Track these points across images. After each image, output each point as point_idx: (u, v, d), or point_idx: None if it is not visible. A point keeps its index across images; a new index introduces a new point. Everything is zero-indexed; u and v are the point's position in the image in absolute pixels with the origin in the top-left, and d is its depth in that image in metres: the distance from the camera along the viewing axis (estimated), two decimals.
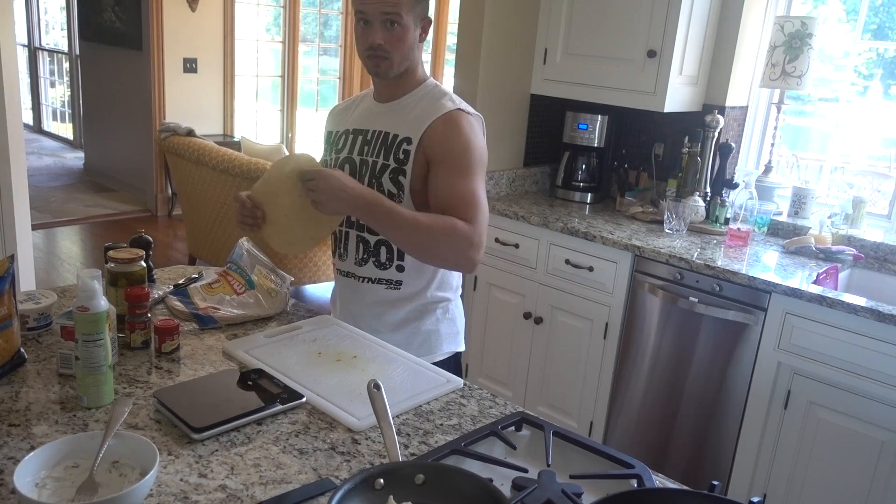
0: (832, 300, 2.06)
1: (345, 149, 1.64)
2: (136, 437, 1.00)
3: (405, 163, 1.54)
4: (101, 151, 6.78)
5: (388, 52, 1.50)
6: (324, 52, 7.16)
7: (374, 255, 1.61)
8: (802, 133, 3.25)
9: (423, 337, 1.65)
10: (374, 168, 1.57)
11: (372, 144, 1.59)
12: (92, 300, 1.12)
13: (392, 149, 1.56)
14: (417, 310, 1.64)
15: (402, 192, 1.54)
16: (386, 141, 1.57)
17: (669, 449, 2.55)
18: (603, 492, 0.96)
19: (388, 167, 1.55)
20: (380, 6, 1.47)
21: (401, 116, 1.58)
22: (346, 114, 1.72)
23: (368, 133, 1.61)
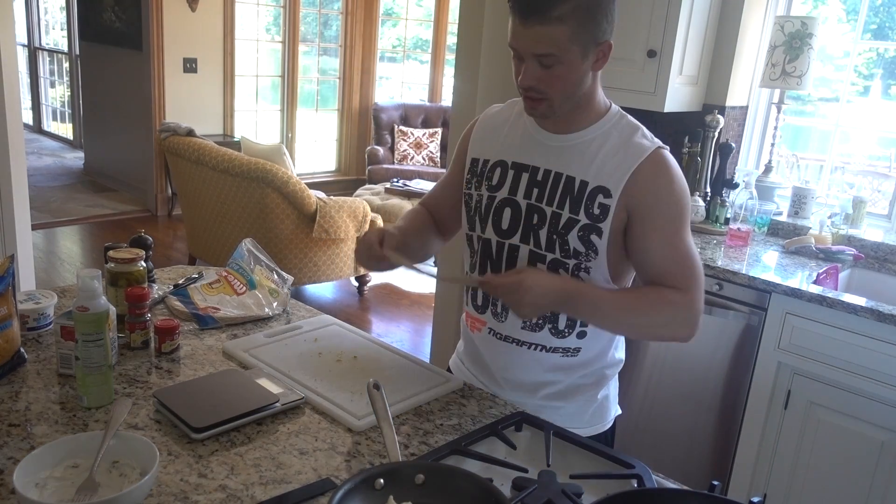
0: (832, 300, 2.06)
1: (503, 186, 1.34)
2: (136, 437, 1.00)
3: (602, 220, 1.26)
4: (101, 151, 6.78)
5: (543, 92, 1.23)
6: (324, 52, 7.17)
7: (551, 320, 1.34)
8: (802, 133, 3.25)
9: (598, 405, 1.44)
10: (554, 221, 1.29)
11: (546, 188, 1.31)
12: (92, 300, 1.12)
13: (582, 200, 1.27)
14: (594, 375, 1.41)
15: (592, 251, 1.28)
16: (570, 188, 1.28)
17: (669, 449, 2.54)
18: (603, 492, 0.96)
19: (576, 223, 1.28)
20: (531, 46, 1.19)
21: (584, 156, 1.29)
22: (498, 137, 1.39)
23: (539, 172, 1.32)
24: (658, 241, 1.27)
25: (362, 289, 4.67)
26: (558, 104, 1.25)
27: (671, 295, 1.27)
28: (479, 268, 1.40)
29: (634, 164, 1.26)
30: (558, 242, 1.29)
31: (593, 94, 1.30)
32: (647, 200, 1.25)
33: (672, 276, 1.27)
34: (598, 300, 1.25)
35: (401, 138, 6.67)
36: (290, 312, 1.64)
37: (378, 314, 4.48)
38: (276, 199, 3.84)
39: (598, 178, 1.27)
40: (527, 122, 1.36)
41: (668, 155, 1.30)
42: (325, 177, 7.23)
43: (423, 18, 7.27)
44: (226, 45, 6.16)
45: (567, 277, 1.29)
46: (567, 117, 1.29)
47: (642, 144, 1.29)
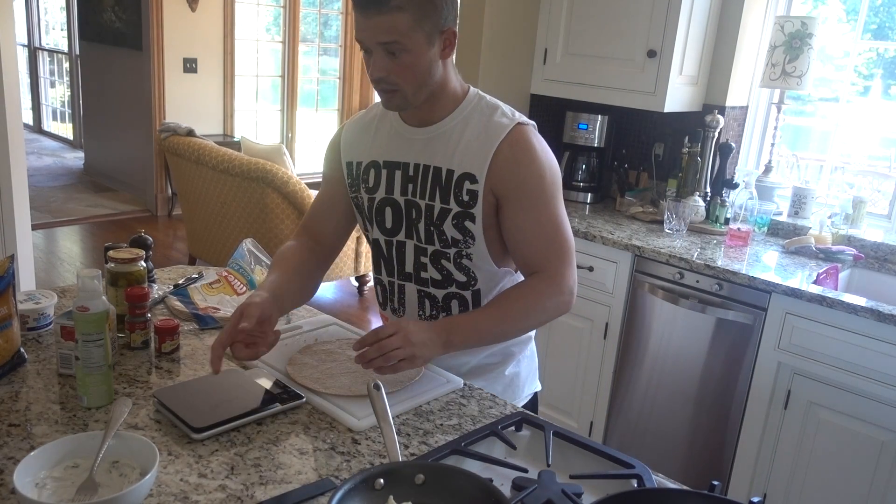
0: (832, 300, 2.06)
1: (379, 187, 1.36)
2: (136, 437, 1.00)
3: (472, 205, 1.29)
4: (101, 151, 6.78)
5: (395, 84, 1.24)
6: (324, 52, 7.17)
7: (444, 309, 1.40)
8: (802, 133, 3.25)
9: (506, 381, 1.48)
10: (430, 213, 1.32)
11: (418, 182, 1.33)
12: (92, 300, 1.12)
13: (450, 188, 1.29)
14: (500, 354, 1.46)
15: (469, 238, 1.31)
16: (439, 178, 1.30)
17: (669, 449, 2.54)
18: (603, 492, 0.96)
19: (449, 212, 1.30)
20: (375, 36, 1.20)
21: (448, 145, 1.31)
22: (365, 139, 1.41)
23: (409, 168, 1.33)
24: (525, 221, 1.29)
25: (362, 289, 4.67)
26: (412, 94, 1.25)
27: (540, 286, 1.31)
28: (374, 267, 1.47)
29: (494, 146, 1.27)
30: (436, 233, 1.32)
31: (447, 82, 1.30)
32: (511, 182, 1.27)
33: (541, 258, 1.31)
34: (476, 325, 1.28)
35: None
36: (291, 312, 1.64)
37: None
38: (276, 199, 3.84)
39: (463, 164, 1.29)
40: (392, 120, 1.37)
41: (528, 130, 1.30)
42: None
43: None
44: (226, 45, 6.16)
45: (438, 320, 1.34)
46: (425, 108, 1.30)
47: (501, 123, 1.29)
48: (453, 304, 1.38)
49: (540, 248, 1.31)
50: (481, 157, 1.28)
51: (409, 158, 1.34)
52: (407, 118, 1.35)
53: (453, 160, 1.30)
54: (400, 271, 1.40)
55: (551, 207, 1.31)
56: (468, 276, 1.36)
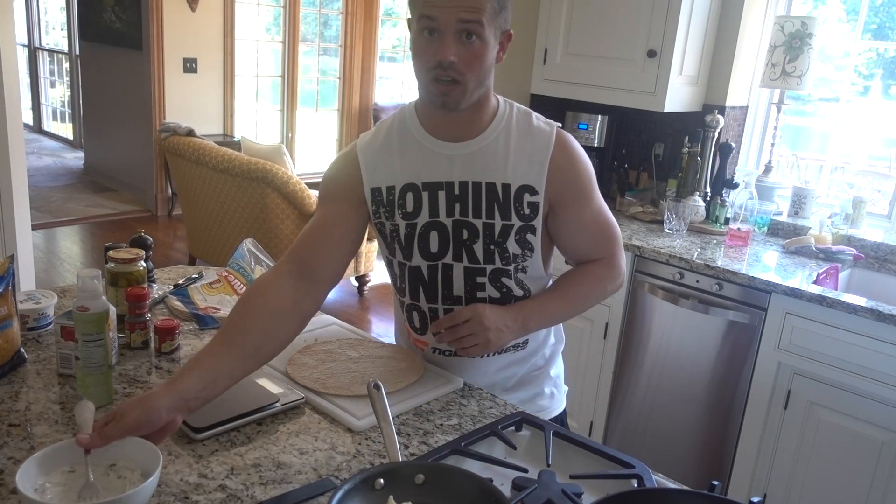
0: (832, 300, 2.06)
1: (421, 211, 1.26)
2: (134, 439, 0.99)
3: (533, 217, 1.25)
4: (101, 151, 6.78)
5: (462, 73, 1.14)
6: (324, 52, 7.17)
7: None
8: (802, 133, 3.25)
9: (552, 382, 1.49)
10: (489, 231, 1.25)
11: (468, 201, 1.25)
12: (92, 300, 1.12)
13: (510, 203, 1.24)
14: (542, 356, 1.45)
15: (528, 250, 1.28)
16: (494, 194, 1.24)
17: (669, 449, 2.54)
18: (603, 492, 0.96)
19: (511, 227, 1.25)
20: (455, 10, 1.11)
21: (495, 158, 1.24)
22: (390, 161, 1.28)
23: (454, 187, 1.25)
24: (581, 220, 1.31)
25: (362, 289, 4.67)
26: (471, 91, 1.17)
27: (599, 271, 1.35)
28: (409, 293, 1.34)
29: (548, 155, 1.25)
30: (497, 252, 1.26)
31: (491, 91, 1.25)
32: (567, 187, 1.27)
33: (597, 250, 1.35)
34: (547, 310, 1.31)
35: None
36: None
37: (378, 314, 4.48)
38: (276, 199, 3.84)
39: (518, 176, 1.24)
40: (418, 137, 1.27)
41: (566, 134, 1.30)
42: None
43: None
44: (226, 45, 6.15)
45: (511, 305, 1.29)
46: (464, 119, 1.23)
47: (543, 130, 1.27)
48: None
49: (596, 240, 1.34)
50: (537, 167, 1.24)
51: (453, 177, 1.25)
52: (438, 133, 1.26)
53: (507, 174, 1.24)
54: (446, 296, 1.31)
55: (597, 198, 1.33)
56: (524, 289, 1.32)
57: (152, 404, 0.99)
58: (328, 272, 1.27)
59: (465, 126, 1.24)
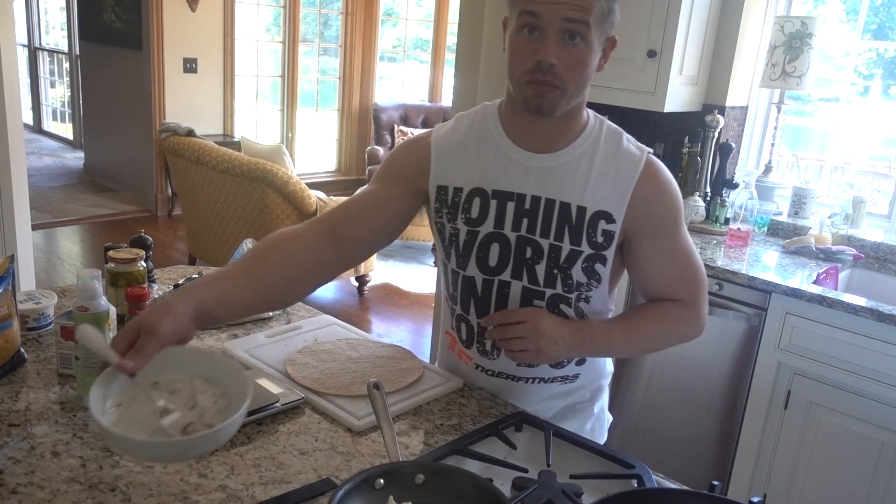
0: (832, 300, 2.06)
1: (486, 220, 1.19)
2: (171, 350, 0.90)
3: (606, 247, 1.16)
4: (101, 151, 6.78)
5: (561, 78, 1.06)
6: (324, 52, 7.17)
7: None
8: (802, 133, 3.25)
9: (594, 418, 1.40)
10: (555, 254, 1.17)
11: (538, 218, 1.17)
12: (92, 300, 1.12)
13: (583, 228, 1.15)
14: (590, 391, 1.36)
15: (594, 280, 1.19)
16: (567, 216, 1.15)
17: (669, 449, 2.54)
18: (603, 492, 0.96)
19: (580, 254, 1.16)
20: (562, 8, 1.03)
21: (575, 177, 1.16)
22: (464, 161, 1.21)
23: (525, 200, 1.17)
24: (661, 255, 1.20)
25: (362, 289, 4.67)
26: (568, 97, 1.09)
27: (678, 312, 1.22)
28: (461, 304, 1.28)
29: (632, 183, 1.15)
30: (560, 277, 1.18)
31: (584, 102, 1.18)
32: (649, 219, 1.17)
33: (677, 290, 1.22)
34: (609, 336, 1.20)
35: (401, 138, 6.67)
36: (290, 312, 1.64)
37: (378, 314, 4.48)
38: (276, 199, 3.84)
39: (596, 201, 1.15)
40: (498, 141, 1.20)
41: (658, 161, 1.21)
42: (325, 177, 7.23)
43: (423, 18, 7.27)
44: (226, 45, 6.16)
45: (573, 320, 1.21)
46: (553, 128, 1.16)
47: (632, 154, 1.18)
48: None
49: (676, 280, 1.22)
50: (618, 194, 1.15)
51: (526, 189, 1.17)
52: (519, 140, 1.18)
53: (584, 195, 1.15)
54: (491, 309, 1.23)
55: (683, 236, 1.22)
56: (581, 318, 1.24)
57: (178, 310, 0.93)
58: (356, 249, 1.22)
59: (550, 136, 1.16)
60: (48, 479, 0.97)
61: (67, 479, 0.97)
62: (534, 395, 1.31)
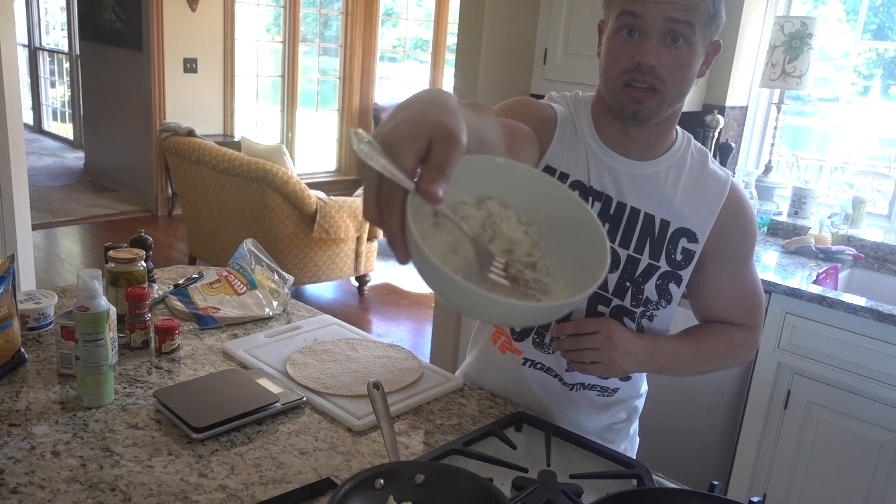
0: (832, 300, 2.06)
1: None
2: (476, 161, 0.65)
3: (684, 266, 1.13)
4: (102, 151, 6.78)
5: (662, 80, 1.00)
6: (324, 52, 7.17)
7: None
8: (802, 133, 3.25)
9: (629, 439, 1.36)
10: (632, 265, 1.13)
11: (621, 226, 1.12)
12: (92, 300, 1.12)
13: (663, 244, 1.12)
14: (626, 410, 1.32)
15: (665, 300, 1.15)
16: (651, 228, 1.11)
17: (669, 449, 2.54)
18: (603, 492, 0.96)
19: (656, 270, 1.13)
20: (665, 7, 0.97)
21: (662, 190, 1.11)
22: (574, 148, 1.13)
23: (612, 204, 1.12)
24: (729, 281, 1.18)
25: (362, 289, 4.67)
26: (668, 102, 1.03)
27: (740, 335, 1.20)
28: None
29: (719, 205, 1.12)
30: (631, 290, 1.13)
31: (680, 112, 1.11)
32: (728, 241, 1.14)
33: (739, 315, 1.21)
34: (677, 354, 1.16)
35: None
36: (291, 312, 1.64)
37: (378, 314, 4.48)
38: (276, 199, 3.84)
39: (681, 218, 1.11)
40: (588, 139, 1.13)
41: (740, 186, 1.18)
42: (325, 177, 7.23)
43: (423, 18, 7.27)
44: (226, 45, 6.16)
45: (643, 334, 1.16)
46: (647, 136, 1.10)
47: (719, 176, 1.15)
48: None
49: (741, 304, 1.21)
50: (704, 213, 1.12)
51: (613, 193, 1.12)
52: (612, 143, 1.12)
53: (669, 210, 1.11)
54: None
55: (751, 265, 1.20)
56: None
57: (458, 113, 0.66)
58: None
59: (641, 144, 1.11)
60: (48, 478, 0.97)
61: (67, 478, 0.97)
62: (573, 399, 1.25)
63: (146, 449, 1.06)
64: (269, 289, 1.64)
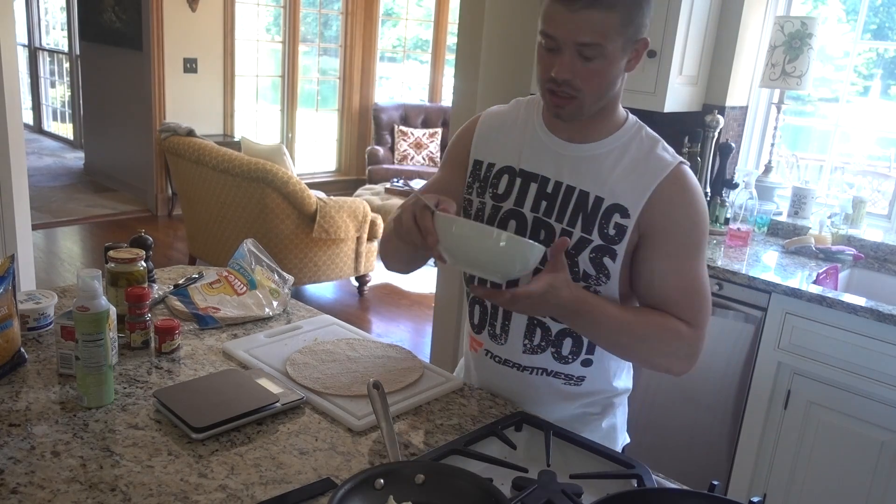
0: (832, 300, 2.06)
1: (509, 196, 1.23)
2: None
3: (617, 241, 1.17)
4: (102, 151, 6.78)
5: (577, 89, 1.10)
6: (324, 52, 7.17)
7: (554, 345, 1.25)
8: (802, 133, 3.25)
9: (602, 434, 1.33)
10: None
11: (556, 202, 1.20)
12: (92, 300, 1.12)
13: (595, 218, 1.17)
14: (599, 404, 1.33)
15: (603, 276, 1.18)
16: (584, 204, 1.18)
17: (669, 449, 2.54)
18: (603, 492, 0.96)
19: (588, 242, 1.17)
20: (574, 33, 1.06)
21: (600, 169, 1.18)
22: (503, 140, 1.26)
23: (549, 184, 1.21)
24: (667, 267, 1.17)
25: (362, 289, 4.67)
26: (588, 105, 1.13)
27: (680, 326, 1.17)
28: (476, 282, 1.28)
29: (655, 182, 1.15)
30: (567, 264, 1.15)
31: (618, 99, 1.19)
32: (663, 222, 1.16)
33: (677, 307, 1.17)
34: (607, 315, 1.14)
35: (401, 138, 6.67)
36: (291, 312, 1.64)
37: (378, 314, 4.48)
38: (276, 199, 3.84)
39: (615, 195, 1.16)
40: (537, 126, 1.24)
41: (690, 173, 1.20)
42: (325, 177, 7.23)
43: (423, 18, 7.28)
44: (226, 45, 6.16)
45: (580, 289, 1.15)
46: (586, 123, 1.18)
47: (664, 159, 1.18)
48: (566, 341, 1.25)
49: (681, 296, 1.18)
50: (639, 190, 1.16)
51: (551, 174, 1.21)
52: (556, 129, 1.22)
53: (605, 187, 1.17)
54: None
55: (696, 259, 1.18)
56: None
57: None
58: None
59: (580, 130, 1.20)
60: (48, 479, 0.97)
61: (67, 479, 0.97)
62: (537, 388, 1.29)
63: (146, 449, 1.06)
64: (269, 289, 1.64)
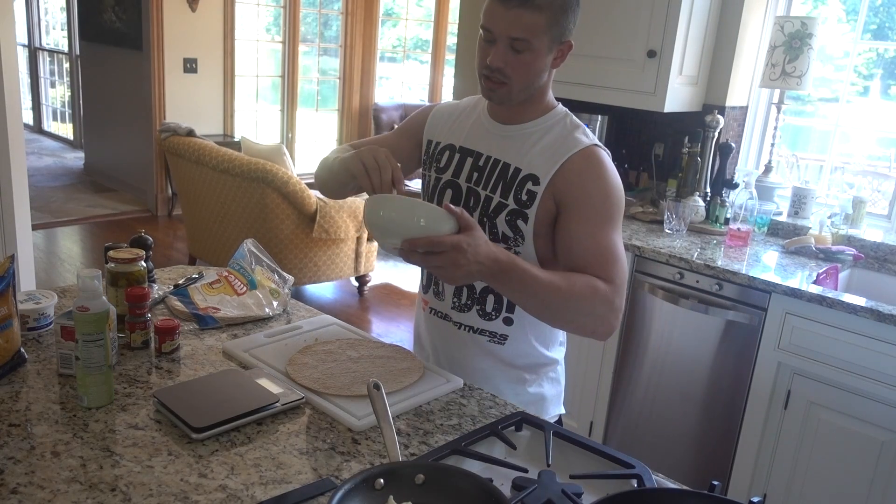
0: (832, 300, 2.06)
1: (448, 169, 1.43)
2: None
3: (528, 206, 1.32)
4: (101, 151, 6.78)
5: (507, 77, 1.28)
6: (324, 52, 7.17)
7: (478, 302, 1.41)
8: (802, 133, 3.25)
9: (528, 399, 1.46)
10: (486, 204, 1.37)
11: (485, 173, 1.38)
12: (92, 300, 1.12)
13: (512, 186, 1.34)
14: (527, 369, 1.46)
15: (519, 237, 1.34)
16: (504, 174, 1.36)
17: (669, 449, 2.55)
18: (603, 492, 0.96)
19: (505, 207, 1.34)
20: (507, 28, 1.24)
21: (523, 146, 1.36)
22: (451, 123, 1.48)
23: (481, 158, 1.40)
24: (580, 230, 1.29)
25: (362, 289, 4.67)
26: (516, 91, 1.31)
27: (598, 283, 1.24)
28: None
29: (565, 156, 1.31)
30: (487, 225, 1.36)
31: (546, 90, 1.37)
32: (574, 192, 1.30)
33: (593, 267, 1.26)
34: (526, 275, 1.18)
35: None
36: (291, 312, 1.64)
37: (378, 314, 4.48)
38: (276, 199, 3.84)
39: (531, 166, 1.34)
40: (480, 112, 1.44)
41: (602, 153, 1.34)
42: None
43: (423, 18, 7.27)
44: (226, 45, 6.16)
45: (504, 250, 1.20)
46: (516, 108, 1.36)
47: (580, 140, 1.34)
48: (489, 298, 1.40)
49: (592, 258, 1.27)
50: (551, 162, 1.32)
51: (483, 149, 1.40)
52: (494, 113, 1.41)
53: (523, 160, 1.35)
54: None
55: (609, 227, 1.29)
56: None
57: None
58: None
59: (515, 113, 1.38)
60: (48, 479, 0.97)
61: (67, 479, 0.97)
62: (469, 346, 1.44)
63: (146, 449, 1.06)
64: (269, 289, 1.64)
